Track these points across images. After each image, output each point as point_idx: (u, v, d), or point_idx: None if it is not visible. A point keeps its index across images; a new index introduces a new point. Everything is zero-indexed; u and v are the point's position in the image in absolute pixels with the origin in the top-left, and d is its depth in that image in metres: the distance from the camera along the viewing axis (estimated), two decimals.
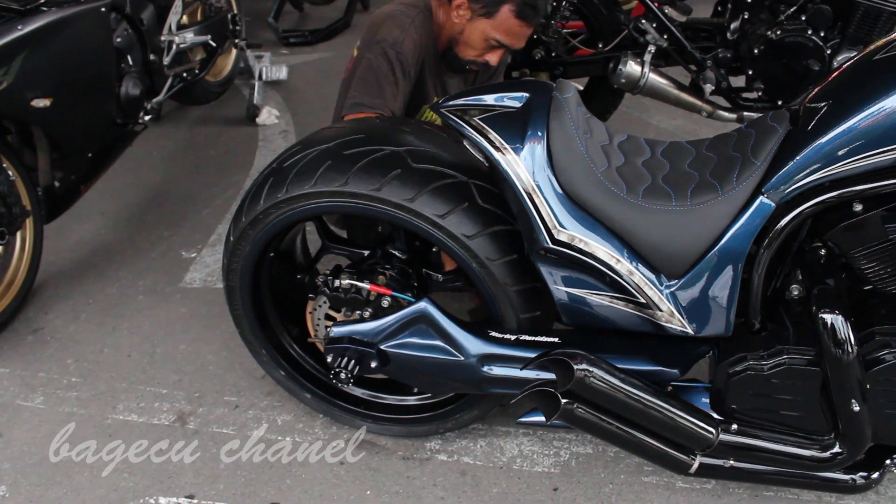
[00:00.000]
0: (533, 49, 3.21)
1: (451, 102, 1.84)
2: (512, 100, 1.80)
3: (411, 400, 2.25)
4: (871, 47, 1.71)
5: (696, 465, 1.87)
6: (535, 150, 1.73)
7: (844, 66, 1.75)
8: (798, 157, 1.64)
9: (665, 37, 3.11)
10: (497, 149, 1.74)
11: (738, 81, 3.21)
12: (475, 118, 1.78)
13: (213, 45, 3.88)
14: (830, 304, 1.66)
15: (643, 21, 3.12)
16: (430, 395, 2.24)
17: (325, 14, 5.28)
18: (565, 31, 3.31)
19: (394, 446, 2.30)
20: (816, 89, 1.75)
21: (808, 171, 1.63)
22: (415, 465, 2.24)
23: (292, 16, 5.70)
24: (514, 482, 2.19)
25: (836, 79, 1.72)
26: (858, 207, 1.66)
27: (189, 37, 3.62)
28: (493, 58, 2.38)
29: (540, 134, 1.73)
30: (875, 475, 1.88)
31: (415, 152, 1.90)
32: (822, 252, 1.76)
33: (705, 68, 3.10)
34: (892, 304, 1.74)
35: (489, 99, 1.82)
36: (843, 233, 1.69)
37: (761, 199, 1.68)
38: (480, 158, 1.81)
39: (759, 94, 3.14)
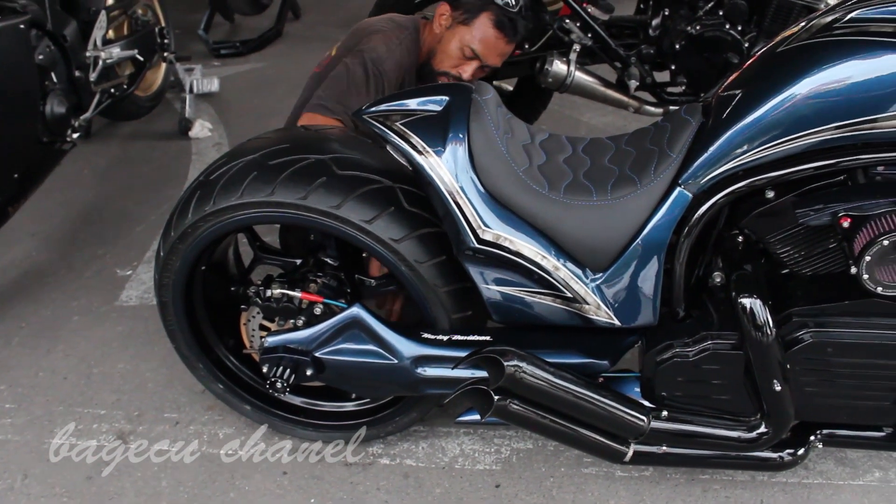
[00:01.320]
0: None
1: (372, 109, 1.86)
2: (432, 104, 1.83)
3: (350, 406, 2.26)
4: (776, 39, 1.77)
5: (630, 454, 1.91)
6: (456, 152, 1.75)
7: (752, 58, 1.80)
8: (711, 149, 1.69)
9: (589, 35, 3.16)
10: (419, 152, 1.77)
11: (663, 76, 3.28)
12: (397, 123, 1.80)
13: (141, 59, 3.84)
14: (749, 289, 1.72)
15: (567, 21, 3.17)
16: (368, 399, 2.25)
17: (257, 24, 5.26)
18: None
19: (336, 452, 2.30)
20: (727, 82, 1.80)
21: (720, 161, 1.68)
22: (358, 471, 2.25)
23: (223, 27, 5.66)
24: (456, 481, 2.21)
25: (745, 71, 1.77)
26: (771, 194, 1.72)
27: (115, 52, 3.58)
28: (467, 70, 2.42)
29: (461, 136, 1.76)
30: (801, 451, 1.94)
31: (340, 159, 1.91)
32: (740, 239, 1.81)
33: (630, 65, 3.16)
34: (807, 287, 1.80)
35: (410, 104, 1.84)
36: (757, 219, 1.75)
37: (678, 190, 1.72)
38: (404, 163, 1.83)
39: (683, 87, 3.21)
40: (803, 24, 1.74)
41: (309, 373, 1.99)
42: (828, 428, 1.95)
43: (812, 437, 1.95)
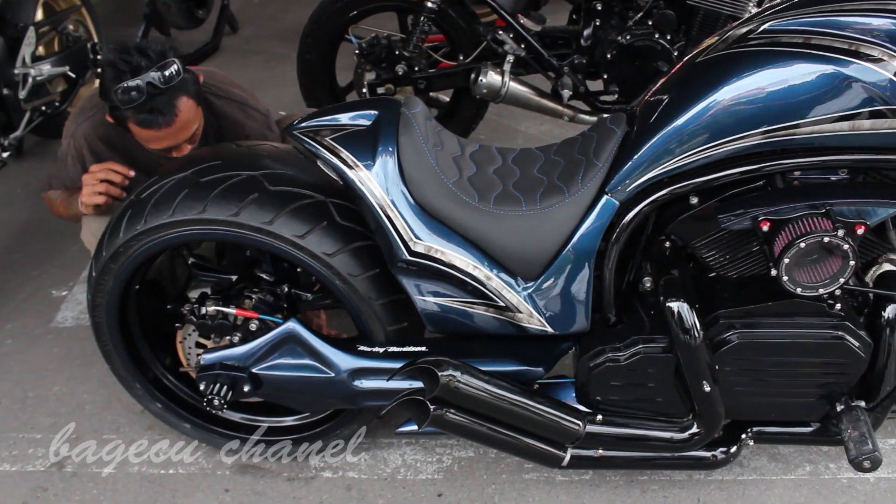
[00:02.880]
0: (395, 65, 3.25)
1: (302, 124, 1.86)
2: (362, 118, 1.84)
3: (289, 421, 2.26)
4: (696, 49, 1.82)
5: (567, 458, 1.94)
6: (386, 166, 1.77)
7: (674, 69, 1.85)
8: (635, 157, 1.73)
9: (523, 46, 3.20)
10: (349, 167, 1.78)
11: (597, 85, 3.33)
12: (327, 138, 1.82)
13: (73, 75, 3.79)
14: (676, 293, 1.76)
15: (501, 32, 3.21)
16: (307, 414, 2.25)
17: (193, 38, 5.18)
18: (427, 44, 3.37)
19: (278, 468, 2.30)
20: (650, 92, 1.85)
21: (645, 168, 1.72)
22: (300, 485, 2.25)
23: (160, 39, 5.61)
24: (399, 492, 2.22)
25: (666, 81, 1.82)
26: (695, 200, 1.77)
27: (46, 68, 3.52)
28: (178, 153, 2.23)
29: (390, 149, 1.78)
30: (733, 449, 1.99)
31: (271, 175, 1.91)
32: (667, 244, 1.85)
33: (563, 74, 3.21)
34: (733, 289, 1.85)
35: (340, 119, 1.86)
36: (682, 225, 1.79)
37: (605, 198, 1.76)
38: (334, 177, 1.84)
39: (616, 96, 3.27)
40: (720, 35, 1.79)
41: (246, 389, 1.99)
42: (758, 425, 2.00)
43: (743, 435, 2.00)
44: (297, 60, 3.54)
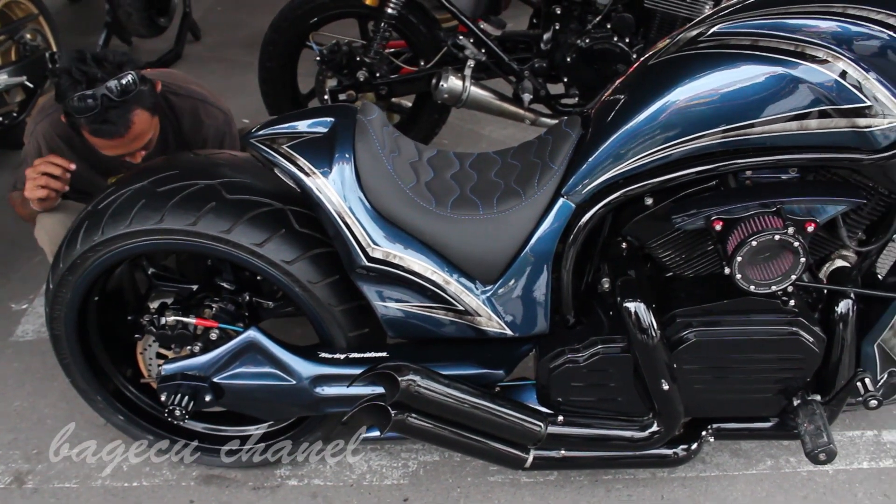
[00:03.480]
0: (357, 71, 3.26)
1: (259, 132, 1.86)
2: (318, 125, 1.84)
3: (250, 429, 2.25)
4: (648, 52, 1.85)
5: (530, 459, 1.95)
6: (343, 173, 1.78)
7: (627, 71, 1.87)
8: (590, 159, 1.75)
9: (483, 51, 3.22)
10: (306, 174, 1.78)
11: (557, 89, 3.36)
12: (284, 146, 1.82)
13: (31, 85, 3.74)
14: (633, 293, 1.78)
15: (461, 37, 3.22)
16: (271, 422, 2.24)
17: (155, 46, 5.16)
18: (388, 50, 3.38)
19: (243, 477, 2.29)
20: (604, 95, 1.87)
21: (600, 171, 1.74)
22: (266, 494, 2.24)
23: (120, 50, 5.56)
24: (365, 498, 2.22)
25: (620, 85, 1.84)
26: (650, 201, 1.79)
27: (2, 78, 3.49)
28: (132, 159, 2.23)
29: (347, 156, 1.78)
30: (694, 446, 2.02)
31: (229, 184, 1.91)
32: (624, 245, 1.88)
33: (523, 78, 3.23)
34: (689, 288, 1.87)
35: (296, 126, 1.85)
36: (638, 226, 1.82)
37: (562, 200, 1.78)
38: (292, 185, 1.84)
39: (577, 99, 3.29)
40: (671, 38, 1.81)
41: (208, 398, 1.98)
42: (717, 422, 2.03)
43: (703, 432, 2.02)
44: (259, 68, 3.53)
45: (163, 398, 1.99)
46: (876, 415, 2.42)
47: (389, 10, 3.15)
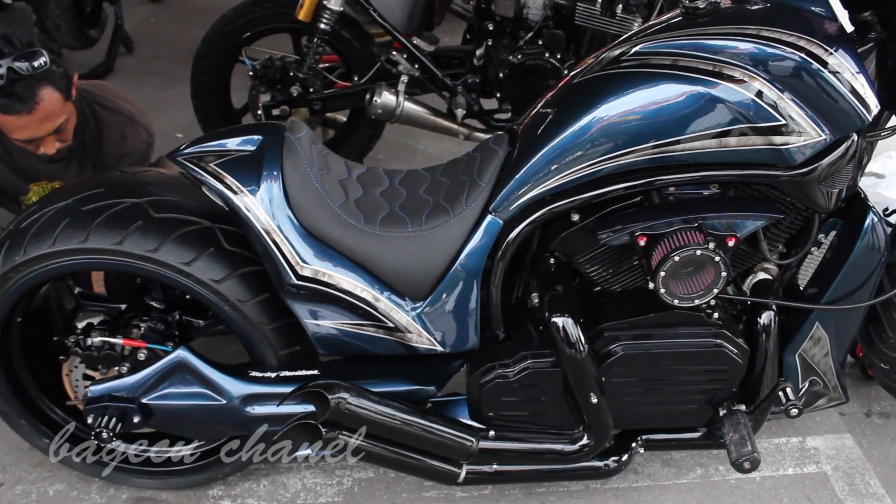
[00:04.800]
0: (290, 86, 3.24)
1: (187, 150, 1.85)
2: (246, 143, 1.84)
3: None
4: (574, 71, 1.88)
5: (463, 475, 1.96)
6: (271, 191, 1.77)
7: (553, 89, 1.90)
8: (517, 176, 1.77)
9: (416, 66, 3.23)
10: (234, 192, 1.77)
11: (491, 104, 3.38)
12: (211, 164, 1.80)
13: None
14: (560, 308, 1.80)
15: (395, 53, 3.24)
16: (203, 442, 2.21)
17: (86, 59, 5.06)
18: (322, 65, 3.37)
19: (175, 499, 2.25)
20: (530, 113, 1.90)
21: (526, 187, 1.77)
22: None
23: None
24: None
25: (546, 102, 1.87)
26: (576, 217, 1.82)
27: None
28: (41, 148, 2.22)
29: (275, 174, 1.78)
30: (625, 457, 2.05)
31: (156, 202, 1.89)
32: (552, 261, 1.90)
33: (456, 94, 3.25)
34: (617, 302, 1.90)
35: (224, 144, 1.85)
36: (565, 241, 1.84)
37: (490, 217, 1.80)
38: (220, 203, 1.83)
39: (510, 114, 3.33)
40: (595, 56, 1.85)
41: (137, 420, 1.95)
42: (647, 433, 2.06)
43: (633, 444, 2.06)
44: (191, 82, 3.49)
45: (89, 420, 1.95)
46: (800, 421, 2.49)
47: (322, 26, 3.15)
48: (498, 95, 3.29)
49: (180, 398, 1.94)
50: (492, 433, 1.93)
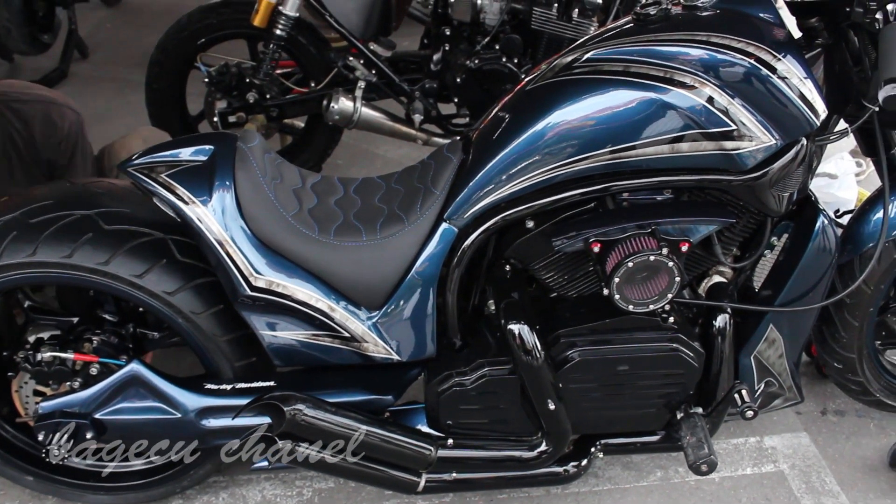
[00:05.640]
0: (246, 93, 3.22)
1: (137, 161, 1.82)
2: (198, 153, 1.81)
3: (138, 464, 2.18)
4: (527, 78, 1.88)
5: (422, 484, 1.96)
6: (223, 201, 1.75)
7: (506, 96, 1.90)
8: (471, 184, 1.77)
9: (373, 72, 3.22)
10: (186, 203, 1.75)
11: (449, 109, 3.38)
12: (162, 175, 1.78)
13: None
14: (516, 315, 1.81)
15: (351, 59, 3.22)
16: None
17: (39, 64, 4.98)
18: (278, 71, 3.35)
19: None
20: (484, 120, 1.90)
21: (480, 195, 1.76)
22: None
23: (1, 68, 5.34)
24: None
25: (499, 110, 1.87)
26: (531, 224, 1.82)
27: None
28: None
29: (227, 184, 1.76)
30: (584, 462, 2.05)
31: (107, 214, 1.86)
32: (508, 268, 1.90)
33: (414, 99, 3.24)
34: (573, 309, 1.91)
35: (175, 154, 1.82)
36: (520, 248, 1.85)
37: (444, 225, 1.79)
38: (172, 214, 1.80)
39: (468, 119, 3.33)
40: (548, 63, 1.85)
41: (90, 436, 1.91)
42: (606, 438, 2.07)
43: (592, 449, 2.06)
44: (145, 89, 3.45)
45: (40, 437, 1.92)
46: (758, 421, 2.51)
47: (278, 32, 3.12)
48: (455, 100, 3.29)
49: (134, 412, 1.91)
50: (450, 441, 1.92)
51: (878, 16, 1.60)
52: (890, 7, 1.59)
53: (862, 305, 2.17)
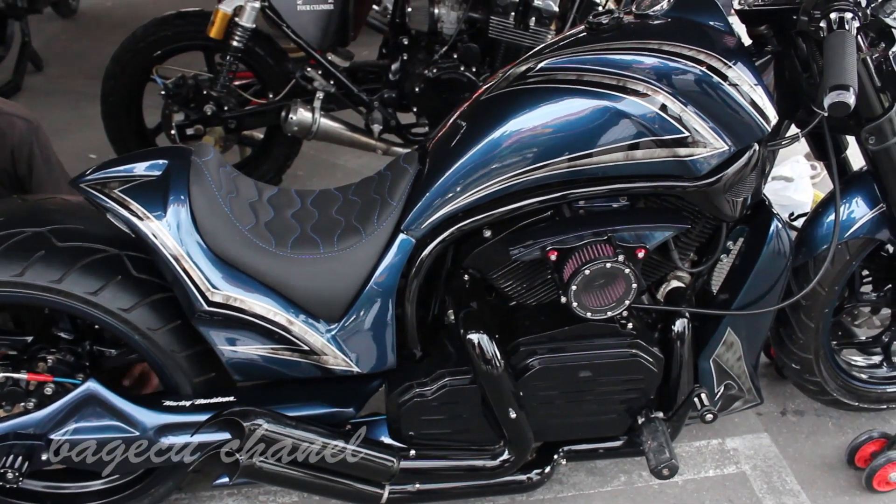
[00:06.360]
0: (204, 105, 3.19)
1: (90, 176, 1.79)
2: (152, 168, 1.79)
3: (97, 485, 2.15)
4: (481, 88, 1.89)
5: (385, 496, 1.95)
6: (178, 216, 1.73)
7: (461, 106, 1.91)
8: (427, 195, 1.77)
9: (332, 82, 3.22)
10: (140, 218, 1.73)
11: (408, 118, 3.39)
12: (115, 190, 1.75)
13: None
14: (475, 325, 1.81)
15: (309, 69, 3.21)
16: (118, 475, 2.15)
17: None
18: (237, 83, 3.33)
19: None
20: (440, 131, 1.90)
21: (436, 205, 1.77)
22: None
23: None
24: None
25: (455, 119, 1.87)
26: (488, 234, 1.82)
27: None
28: None
29: (182, 198, 1.74)
30: (547, 469, 2.06)
31: (60, 231, 1.83)
32: (466, 277, 1.90)
33: (373, 109, 3.24)
34: (533, 317, 1.92)
35: (129, 169, 1.79)
36: (478, 258, 1.85)
37: (402, 236, 1.79)
38: (126, 230, 1.78)
39: (427, 128, 3.33)
40: (502, 73, 1.86)
41: (45, 458, 1.88)
42: (568, 444, 2.08)
43: (555, 456, 2.07)
44: (101, 102, 3.41)
45: None
46: (720, 423, 2.54)
47: (235, 43, 3.11)
48: (414, 110, 3.30)
49: (91, 432, 1.88)
50: (413, 452, 1.92)
51: (823, 24, 1.62)
52: (833, 16, 1.61)
53: (817, 307, 2.20)
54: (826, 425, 2.56)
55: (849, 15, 1.60)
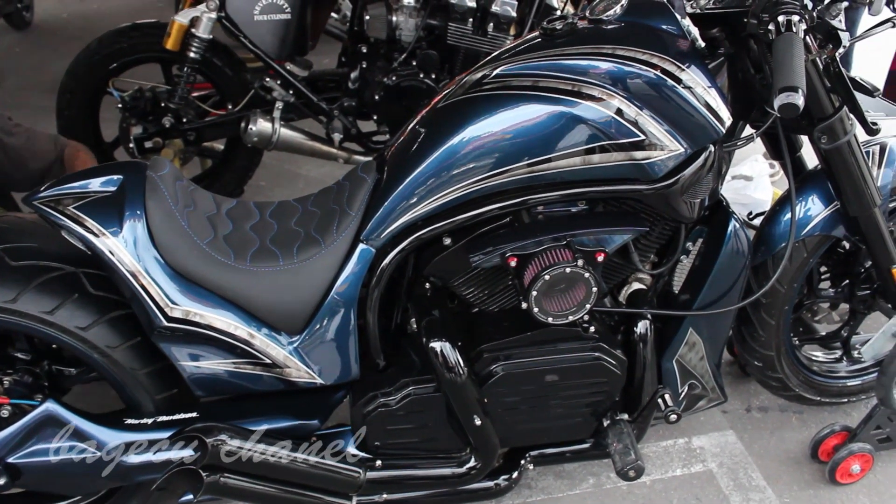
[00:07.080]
0: (162, 117, 3.16)
1: (43, 194, 1.77)
2: (107, 184, 1.77)
3: None
4: (438, 96, 1.89)
5: None
6: (135, 231, 1.71)
7: (419, 114, 1.90)
8: (385, 204, 1.77)
9: (291, 92, 3.20)
10: (96, 235, 1.70)
11: (369, 126, 3.38)
12: (70, 207, 1.73)
13: None
14: (437, 333, 1.81)
15: (268, 79, 3.19)
16: (80, 497, 2.11)
17: None
18: (195, 94, 3.30)
19: None
20: (397, 140, 1.90)
21: (395, 214, 1.76)
22: None
23: None
24: None
25: (411, 128, 1.87)
26: (448, 241, 1.82)
27: None
28: None
29: (138, 213, 1.72)
30: (515, 475, 2.06)
31: (13, 249, 1.80)
32: (427, 285, 1.90)
33: (333, 118, 3.23)
34: (496, 323, 1.92)
35: (83, 185, 1.77)
36: (438, 266, 1.85)
37: (361, 246, 1.79)
38: (82, 247, 1.75)
39: (388, 136, 3.33)
40: (458, 81, 1.86)
41: (2, 482, 1.84)
42: (535, 449, 2.08)
43: (522, 461, 2.07)
44: (57, 116, 3.36)
45: None
46: (686, 422, 2.56)
47: (192, 54, 3.08)
48: (375, 118, 3.29)
49: (51, 454, 1.85)
50: (379, 463, 1.91)
51: (771, 27, 1.64)
52: (781, 18, 1.63)
53: (777, 304, 2.23)
54: (790, 420, 2.59)
55: (796, 18, 1.63)
